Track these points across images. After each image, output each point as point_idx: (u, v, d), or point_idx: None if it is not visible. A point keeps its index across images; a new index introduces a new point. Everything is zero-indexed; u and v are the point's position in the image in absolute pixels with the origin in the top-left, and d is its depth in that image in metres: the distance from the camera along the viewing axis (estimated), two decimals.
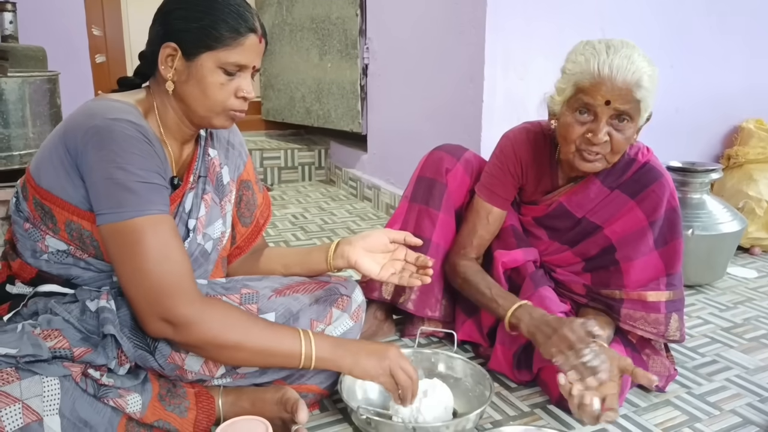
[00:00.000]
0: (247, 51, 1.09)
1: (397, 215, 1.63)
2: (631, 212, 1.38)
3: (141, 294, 1.01)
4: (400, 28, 2.73)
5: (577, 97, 1.27)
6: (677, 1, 2.46)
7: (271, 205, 1.44)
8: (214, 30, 1.06)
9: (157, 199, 1.03)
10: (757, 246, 2.46)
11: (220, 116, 1.13)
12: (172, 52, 1.09)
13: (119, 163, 1.00)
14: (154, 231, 1.00)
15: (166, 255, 1.01)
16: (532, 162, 1.47)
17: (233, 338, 1.04)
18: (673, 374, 1.43)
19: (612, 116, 1.25)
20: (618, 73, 1.21)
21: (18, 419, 0.90)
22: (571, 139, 1.30)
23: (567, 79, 1.28)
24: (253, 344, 1.05)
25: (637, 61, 1.22)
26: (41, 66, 2.51)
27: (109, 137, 1.00)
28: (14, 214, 1.12)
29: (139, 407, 1.05)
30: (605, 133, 1.25)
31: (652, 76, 1.24)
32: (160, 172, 1.06)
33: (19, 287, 1.13)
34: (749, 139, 2.62)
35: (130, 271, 1.00)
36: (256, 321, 1.10)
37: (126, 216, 0.99)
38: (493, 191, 1.50)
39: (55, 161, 1.05)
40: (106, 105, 1.06)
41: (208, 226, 1.23)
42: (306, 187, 3.53)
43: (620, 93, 1.22)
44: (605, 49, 1.23)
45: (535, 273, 1.48)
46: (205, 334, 1.02)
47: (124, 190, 0.99)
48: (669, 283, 1.38)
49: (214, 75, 1.09)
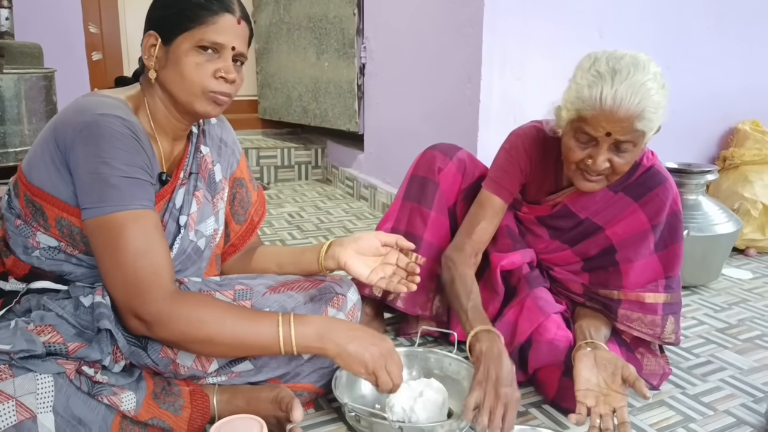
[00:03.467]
0: (222, 30, 1.09)
1: (390, 213, 1.64)
2: (634, 215, 1.39)
3: (118, 289, 1.01)
4: (397, 28, 2.72)
5: (578, 125, 1.24)
6: (674, 2, 2.47)
7: (266, 203, 1.44)
8: (189, 11, 1.08)
9: (139, 194, 1.03)
10: (752, 247, 2.47)
11: (201, 99, 1.11)
12: (153, 41, 1.10)
13: (104, 158, 1.00)
14: (135, 226, 1.00)
15: (145, 250, 1.00)
16: (539, 161, 1.47)
17: (206, 333, 1.02)
18: (668, 372, 1.44)
19: (612, 145, 1.24)
20: (621, 105, 1.17)
21: (11, 416, 0.90)
22: (571, 160, 1.30)
23: (571, 101, 1.25)
24: (227, 337, 1.04)
25: (642, 90, 1.17)
26: (37, 63, 2.50)
27: (97, 132, 1.01)
28: (6, 211, 1.12)
29: (134, 405, 1.05)
30: (605, 159, 1.25)
31: (659, 102, 1.19)
32: (146, 168, 1.06)
33: (12, 284, 1.13)
34: (745, 140, 2.63)
35: (108, 265, 1.01)
36: (230, 312, 1.06)
37: (108, 210, 1.00)
38: (500, 184, 1.48)
39: (45, 158, 1.05)
40: (97, 101, 1.06)
41: (200, 223, 1.23)
42: (302, 186, 3.53)
43: (622, 126, 1.19)
44: (610, 76, 1.18)
45: (530, 274, 1.48)
46: (178, 331, 1.01)
47: (107, 185, 1.00)
48: (667, 285, 1.39)
49: (189, 55, 1.09)
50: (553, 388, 1.34)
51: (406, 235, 1.54)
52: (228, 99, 1.14)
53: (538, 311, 1.38)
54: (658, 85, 1.20)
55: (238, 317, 1.06)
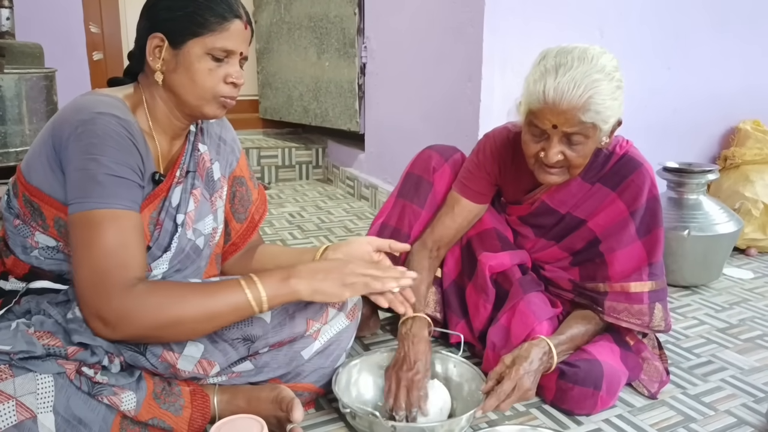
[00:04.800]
0: (234, 36, 1.10)
1: (384, 209, 1.66)
2: (613, 204, 1.40)
3: (83, 287, 0.99)
4: (398, 27, 2.72)
5: (530, 118, 1.28)
6: (675, 2, 2.46)
7: (266, 201, 1.44)
8: (199, 16, 1.07)
9: (124, 194, 1.02)
10: (753, 247, 2.46)
11: (211, 103, 1.13)
12: (159, 42, 1.09)
13: (93, 154, 1.00)
14: (112, 225, 0.99)
15: (116, 250, 0.98)
16: (511, 161, 1.49)
17: (170, 315, 1.00)
18: (665, 380, 1.44)
19: (563, 138, 1.25)
20: (563, 97, 1.19)
21: (12, 416, 0.90)
22: (528, 154, 1.33)
23: (524, 96, 1.28)
24: (195, 313, 1.02)
25: (586, 81, 1.18)
26: (38, 63, 2.50)
27: (91, 130, 1.01)
28: (5, 211, 1.12)
29: (134, 405, 1.05)
30: (557, 152, 1.26)
31: (607, 93, 1.20)
32: (136, 170, 1.05)
33: (12, 283, 1.13)
34: (746, 140, 2.62)
35: (78, 261, 0.99)
36: (192, 288, 1.05)
37: (88, 206, 0.99)
38: (465, 184, 1.53)
39: (42, 158, 1.05)
40: (95, 99, 1.06)
41: (198, 222, 1.23)
42: (303, 185, 3.53)
43: (566, 117, 1.21)
44: (555, 70, 1.20)
45: (524, 278, 1.48)
46: (142, 321, 0.99)
47: (91, 181, 0.99)
48: (651, 273, 1.39)
49: (201, 61, 1.09)
50: (552, 390, 1.34)
51: (395, 231, 1.59)
52: (234, 102, 1.16)
53: (532, 316, 1.38)
54: (605, 77, 1.20)
55: (200, 291, 1.04)
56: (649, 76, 2.47)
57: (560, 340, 1.34)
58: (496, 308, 1.50)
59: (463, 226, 1.55)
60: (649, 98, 2.45)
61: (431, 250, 1.55)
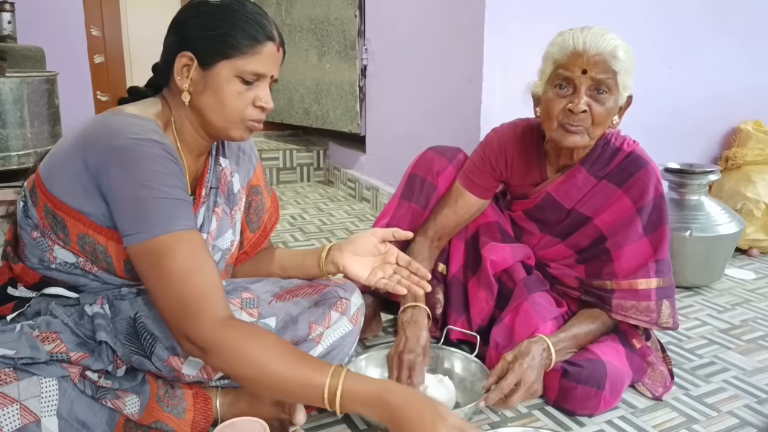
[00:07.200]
0: (265, 59, 1.07)
1: (386, 211, 1.66)
2: (619, 201, 1.40)
3: (168, 314, 0.97)
4: (398, 29, 2.73)
5: (556, 73, 1.32)
6: (676, 3, 2.46)
7: (279, 207, 1.43)
8: (231, 38, 1.04)
9: (182, 214, 0.99)
10: (755, 247, 2.46)
11: (238, 127, 1.10)
12: (188, 61, 1.06)
13: (144, 182, 0.96)
14: (179, 247, 0.96)
15: (191, 272, 0.96)
16: (518, 156, 1.50)
17: (250, 373, 0.96)
18: (669, 386, 1.44)
19: (590, 87, 1.30)
20: (592, 44, 1.28)
21: (16, 420, 0.90)
22: (553, 114, 1.34)
23: (546, 60, 1.36)
24: (270, 384, 0.96)
25: (609, 36, 1.29)
26: (39, 66, 2.51)
27: (134, 158, 0.97)
28: (22, 221, 1.09)
29: (137, 408, 1.05)
30: (585, 102, 1.30)
31: (627, 51, 1.31)
32: (185, 189, 1.02)
33: (22, 291, 1.12)
34: (747, 140, 2.62)
35: (156, 291, 0.97)
36: (275, 356, 0.96)
37: (150, 235, 0.95)
38: (470, 178, 1.54)
39: (71, 173, 1.01)
40: (127, 122, 1.02)
41: (218, 238, 1.22)
42: (304, 187, 3.53)
43: (596, 62, 1.28)
44: (580, 29, 1.32)
45: (528, 278, 1.48)
46: (226, 363, 0.96)
47: (148, 209, 0.96)
48: (658, 269, 1.39)
49: (231, 84, 1.06)
50: (555, 390, 1.34)
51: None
52: (261, 126, 1.14)
53: (536, 316, 1.38)
54: (624, 43, 1.32)
55: (285, 364, 0.96)
56: (650, 76, 2.47)
57: (560, 338, 1.34)
58: (498, 306, 1.50)
59: (465, 219, 1.57)
60: (649, 98, 2.45)
61: (432, 240, 1.57)
